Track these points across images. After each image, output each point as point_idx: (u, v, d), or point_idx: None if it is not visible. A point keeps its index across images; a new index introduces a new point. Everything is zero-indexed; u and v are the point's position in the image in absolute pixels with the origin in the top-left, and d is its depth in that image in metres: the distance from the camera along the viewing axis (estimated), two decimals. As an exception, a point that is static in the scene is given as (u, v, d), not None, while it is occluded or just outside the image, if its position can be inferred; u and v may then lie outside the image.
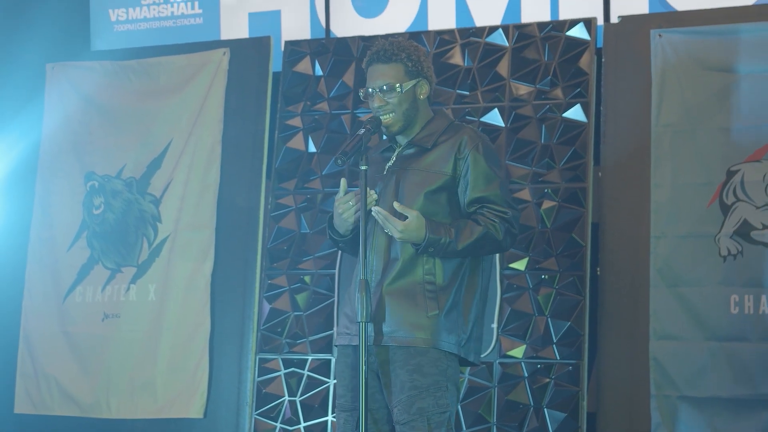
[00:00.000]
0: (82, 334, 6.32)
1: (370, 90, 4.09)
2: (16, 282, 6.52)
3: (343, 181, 4.05)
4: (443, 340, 3.96)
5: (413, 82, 4.09)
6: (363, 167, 4.01)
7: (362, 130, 4.04)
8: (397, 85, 4.06)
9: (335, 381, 4.55)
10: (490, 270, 4.13)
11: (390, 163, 4.12)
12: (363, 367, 3.91)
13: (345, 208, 4.04)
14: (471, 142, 4.04)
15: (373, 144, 4.20)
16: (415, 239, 3.91)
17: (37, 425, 6.37)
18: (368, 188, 4.01)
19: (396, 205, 3.93)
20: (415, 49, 4.12)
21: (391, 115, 4.07)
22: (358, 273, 4.01)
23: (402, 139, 4.13)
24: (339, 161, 4.00)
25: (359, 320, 3.92)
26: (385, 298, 3.98)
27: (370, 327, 3.97)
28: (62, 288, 6.43)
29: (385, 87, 4.06)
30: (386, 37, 5.81)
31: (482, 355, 5.42)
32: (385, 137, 4.18)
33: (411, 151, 4.10)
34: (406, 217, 3.91)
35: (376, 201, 4.03)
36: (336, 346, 4.16)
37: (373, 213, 3.94)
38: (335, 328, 5.78)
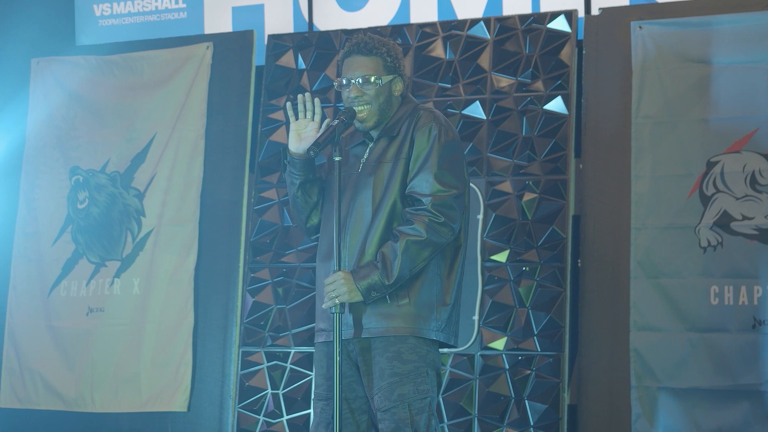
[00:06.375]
0: (67, 328, 6.32)
1: (345, 80, 4.09)
2: (1, 277, 6.52)
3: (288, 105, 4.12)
4: (419, 326, 3.97)
5: (390, 77, 4.10)
6: (336, 158, 4.03)
7: (336, 121, 4.05)
8: (375, 77, 4.06)
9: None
10: (459, 252, 4.08)
11: (363, 159, 4.11)
12: (337, 358, 3.93)
13: (305, 122, 4.09)
14: (421, 124, 4.03)
15: (347, 138, 4.20)
16: (353, 296, 3.93)
17: (22, 420, 6.37)
18: (341, 183, 4.02)
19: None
20: (393, 46, 4.14)
21: (366, 107, 4.07)
22: (329, 268, 4.05)
23: (374, 134, 4.14)
24: (311, 152, 4.01)
25: (333, 311, 3.95)
26: None
27: (347, 320, 3.99)
28: (47, 282, 6.43)
29: (362, 78, 4.06)
30: (366, 31, 5.86)
31: (464, 347, 5.48)
32: (360, 131, 4.17)
33: (381, 142, 4.09)
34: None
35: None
36: (316, 343, 4.19)
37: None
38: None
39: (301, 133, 4.10)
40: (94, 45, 6.75)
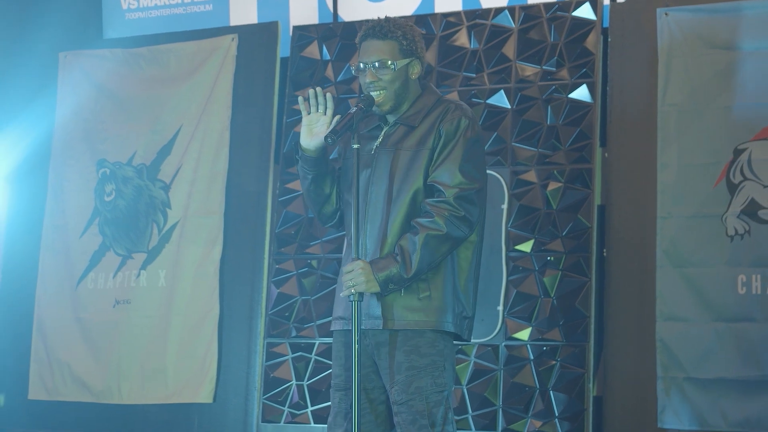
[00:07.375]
0: (94, 320, 6.35)
1: (362, 65, 4.06)
2: (30, 270, 6.56)
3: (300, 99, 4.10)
4: (438, 319, 3.94)
5: (406, 60, 4.05)
6: (355, 146, 4.00)
7: (354, 109, 4.01)
8: (390, 62, 4.02)
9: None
10: (481, 245, 4.06)
11: (377, 142, 4.08)
12: (356, 347, 3.90)
13: (317, 116, 4.09)
14: (450, 117, 3.99)
15: (364, 121, 4.17)
16: (370, 287, 3.88)
17: (51, 411, 6.41)
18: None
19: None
20: (410, 28, 4.08)
21: (382, 92, 4.03)
22: (349, 255, 4.01)
23: (390, 118, 4.11)
24: (329, 140, 3.98)
25: (351, 299, 3.92)
26: None
27: (365, 309, 3.96)
28: (75, 275, 6.47)
29: (378, 63, 4.02)
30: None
31: (488, 337, 5.45)
32: (375, 115, 4.14)
33: (399, 129, 4.06)
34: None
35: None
36: (332, 331, 4.15)
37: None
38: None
39: (313, 128, 4.08)
40: (120, 38, 6.78)
